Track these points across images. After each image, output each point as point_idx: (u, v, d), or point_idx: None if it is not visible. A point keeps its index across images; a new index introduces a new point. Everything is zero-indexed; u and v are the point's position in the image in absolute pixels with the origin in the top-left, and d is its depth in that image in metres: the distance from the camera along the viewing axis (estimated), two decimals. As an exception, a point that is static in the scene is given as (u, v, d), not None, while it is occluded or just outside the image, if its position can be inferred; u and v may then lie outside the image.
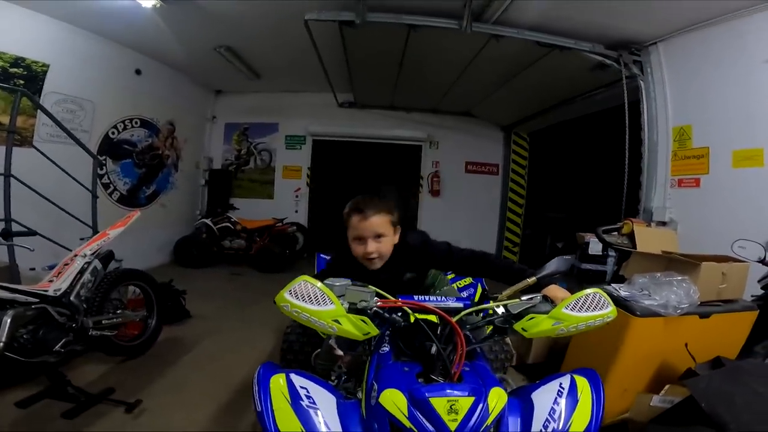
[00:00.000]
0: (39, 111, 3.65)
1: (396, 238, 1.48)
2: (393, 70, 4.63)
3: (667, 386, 1.70)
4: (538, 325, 1.09)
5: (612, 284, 2.15)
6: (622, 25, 3.45)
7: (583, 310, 1.07)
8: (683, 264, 1.97)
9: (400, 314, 1.14)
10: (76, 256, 2.49)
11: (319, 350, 1.93)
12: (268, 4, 3.59)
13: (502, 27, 3.38)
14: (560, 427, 0.95)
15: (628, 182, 3.75)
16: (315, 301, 1.02)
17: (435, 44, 3.81)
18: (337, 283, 1.12)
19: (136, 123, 5.24)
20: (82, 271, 2.43)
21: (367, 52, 4.13)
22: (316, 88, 5.98)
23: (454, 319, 1.06)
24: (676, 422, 1.50)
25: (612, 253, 3.31)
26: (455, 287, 2.33)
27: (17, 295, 2.00)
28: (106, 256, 2.69)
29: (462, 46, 3.82)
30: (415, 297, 1.18)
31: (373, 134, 6.79)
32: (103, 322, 2.44)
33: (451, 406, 0.87)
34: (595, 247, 3.67)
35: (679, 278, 1.87)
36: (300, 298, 1.02)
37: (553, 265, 1.24)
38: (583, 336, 2.17)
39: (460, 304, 1.18)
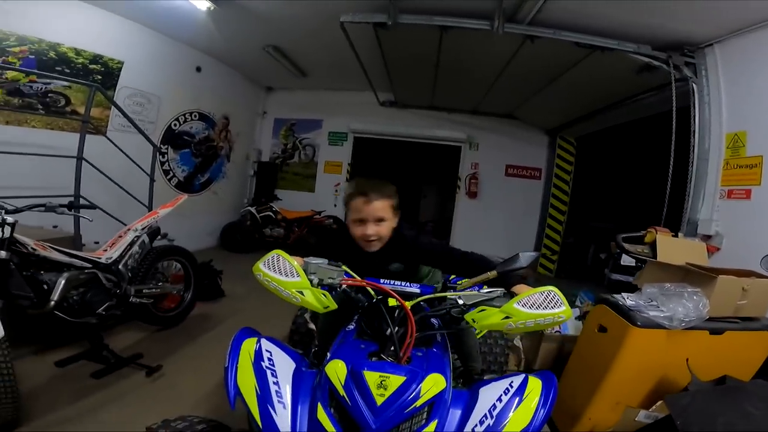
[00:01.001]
0: (112, 103, 4.16)
1: (395, 223, 1.50)
2: (430, 70, 4.67)
3: (659, 402, 1.62)
4: (488, 318, 1.11)
5: (622, 293, 2.07)
6: (673, 25, 3.24)
7: (534, 307, 1.07)
8: (699, 276, 1.85)
9: (365, 296, 1.23)
10: (129, 230, 2.81)
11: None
12: (308, 7, 3.80)
13: (537, 27, 3.31)
14: (494, 424, 0.97)
15: (675, 192, 3.50)
16: (284, 272, 1.14)
17: (469, 45, 3.81)
18: (314, 261, 1.23)
19: (195, 116, 5.73)
20: (131, 244, 2.72)
21: (402, 53, 4.22)
22: (359, 87, 6.15)
23: (408, 305, 1.13)
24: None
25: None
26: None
27: (74, 260, 2.30)
28: (154, 232, 3.02)
29: (497, 48, 3.78)
30: (381, 280, 1.27)
31: (413, 133, 6.85)
32: (144, 291, 2.72)
33: (381, 382, 0.94)
34: (627, 258, 3.48)
35: (690, 290, 1.77)
36: (272, 268, 1.15)
37: (514, 260, 1.24)
38: (585, 343, 2.13)
39: (418, 290, 1.24)
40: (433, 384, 0.98)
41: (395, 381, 0.95)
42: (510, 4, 3.13)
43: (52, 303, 2.05)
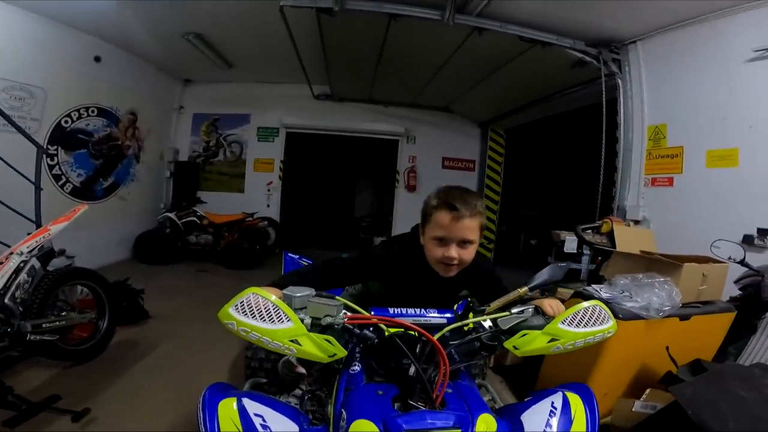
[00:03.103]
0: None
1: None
2: (372, 61, 4.47)
3: (648, 390, 1.65)
4: (532, 342, 0.98)
5: (592, 285, 2.10)
6: (602, 22, 3.42)
7: (582, 325, 0.98)
8: (665, 265, 1.93)
9: (372, 330, 1.01)
10: (11, 254, 2.23)
11: (286, 357, 1.77)
12: (239, -12, 3.36)
13: (485, 20, 3.29)
14: None
15: (604, 181, 3.76)
16: (268, 317, 0.85)
17: (416, 36, 3.68)
18: (298, 294, 0.94)
19: (92, 112, 4.86)
20: (17, 271, 2.19)
21: (345, 41, 3.95)
22: (292, 79, 5.75)
23: (435, 337, 0.93)
24: (662, 429, 1.45)
25: (586, 251, 3.31)
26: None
27: (-61, 298, 1.75)
28: (47, 254, 2.44)
29: (443, 39, 3.71)
30: (390, 310, 1.05)
31: (350, 128, 6.63)
32: (44, 325, 2.19)
33: None
34: (570, 246, 3.66)
35: (661, 280, 1.83)
36: (249, 314, 0.85)
37: (545, 274, 1.11)
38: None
39: (443, 320, 1.05)
40: (485, 426, 0.83)
41: None
42: (460, -5, 3.05)
43: None
